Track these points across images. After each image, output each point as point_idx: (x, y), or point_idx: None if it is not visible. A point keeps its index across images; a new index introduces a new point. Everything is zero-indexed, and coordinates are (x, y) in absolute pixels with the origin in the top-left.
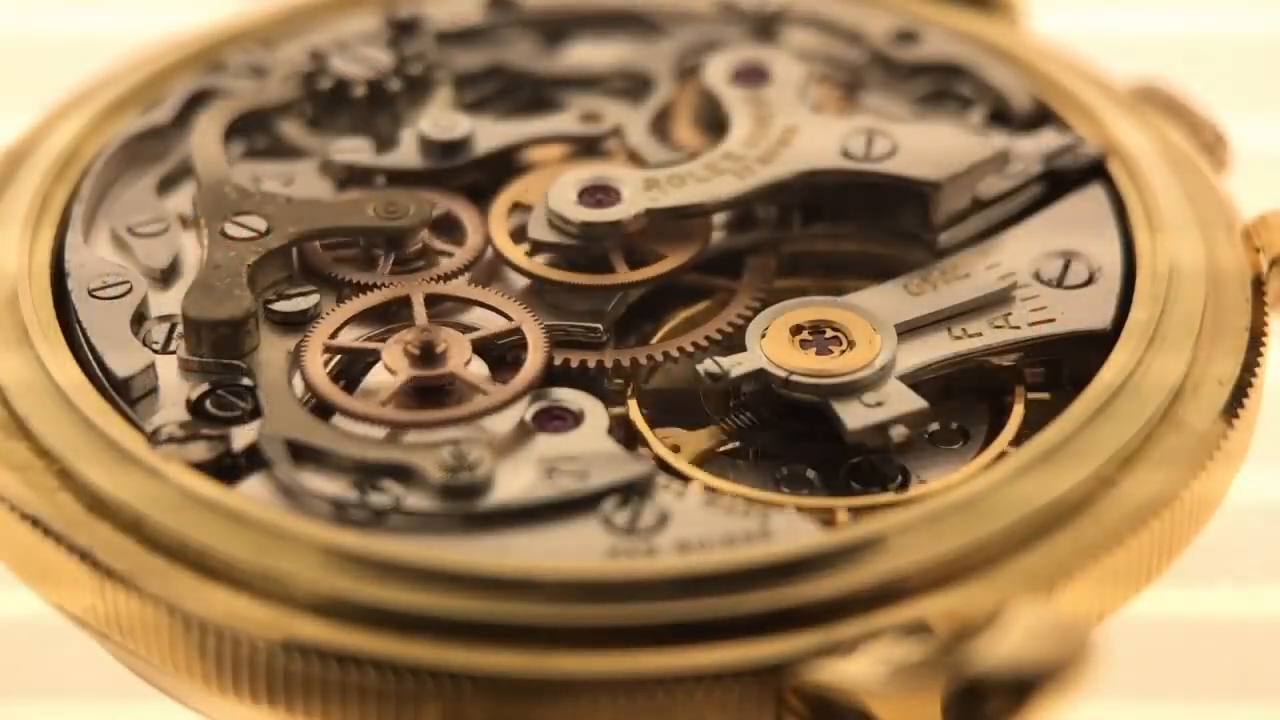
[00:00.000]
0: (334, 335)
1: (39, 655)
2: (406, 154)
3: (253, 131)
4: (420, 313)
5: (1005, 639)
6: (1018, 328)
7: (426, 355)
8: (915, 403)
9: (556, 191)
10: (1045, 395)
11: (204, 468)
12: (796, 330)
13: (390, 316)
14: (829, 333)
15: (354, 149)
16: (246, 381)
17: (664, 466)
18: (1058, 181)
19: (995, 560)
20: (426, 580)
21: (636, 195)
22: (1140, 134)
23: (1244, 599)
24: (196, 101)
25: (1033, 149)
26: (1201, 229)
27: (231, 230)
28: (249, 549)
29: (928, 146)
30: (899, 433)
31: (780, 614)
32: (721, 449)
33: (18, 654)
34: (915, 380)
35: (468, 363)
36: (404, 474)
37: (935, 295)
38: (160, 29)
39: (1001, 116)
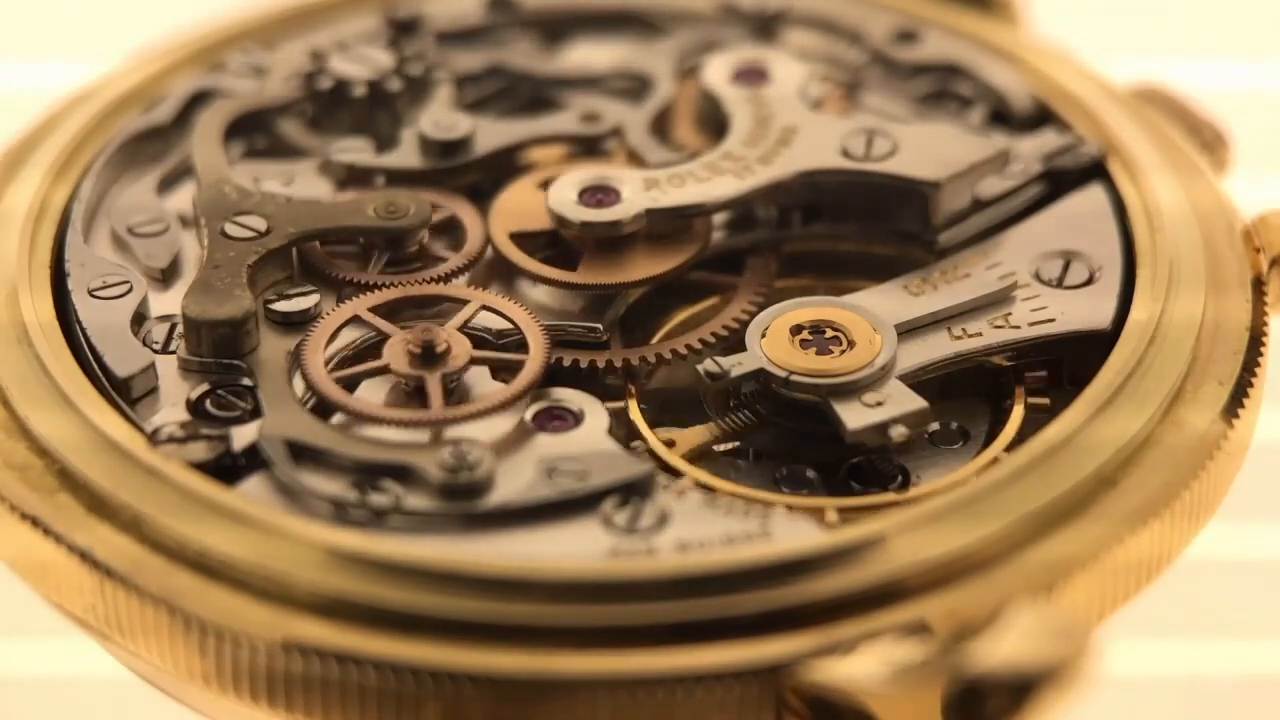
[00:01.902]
0: (334, 336)
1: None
2: (406, 154)
3: (253, 131)
4: (462, 317)
5: (1005, 639)
6: (1018, 328)
7: (427, 354)
8: (915, 403)
9: (556, 191)
10: (1045, 398)
11: (204, 468)
12: (796, 330)
13: (389, 317)
14: (829, 333)
15: (354, 149)
16: (246, 381)
17: (663, 466)
18: (1058, 181)
19: (995, 560)
20: (426, 580)
21: (636, 195)
22: (1140, 134)
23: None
24: (196, 101)
25: (1033, 149)
26: (1201, 229)
27: (231, 230)
28: (249, 549)
29: (928, 146)
30: (899, 433)
31: (780, 614)
32: (721, 449)
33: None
34: (915, 380)
35: (470, 361)
36: (404, 474)
37: (935, 295)
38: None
39: (1001, 116)
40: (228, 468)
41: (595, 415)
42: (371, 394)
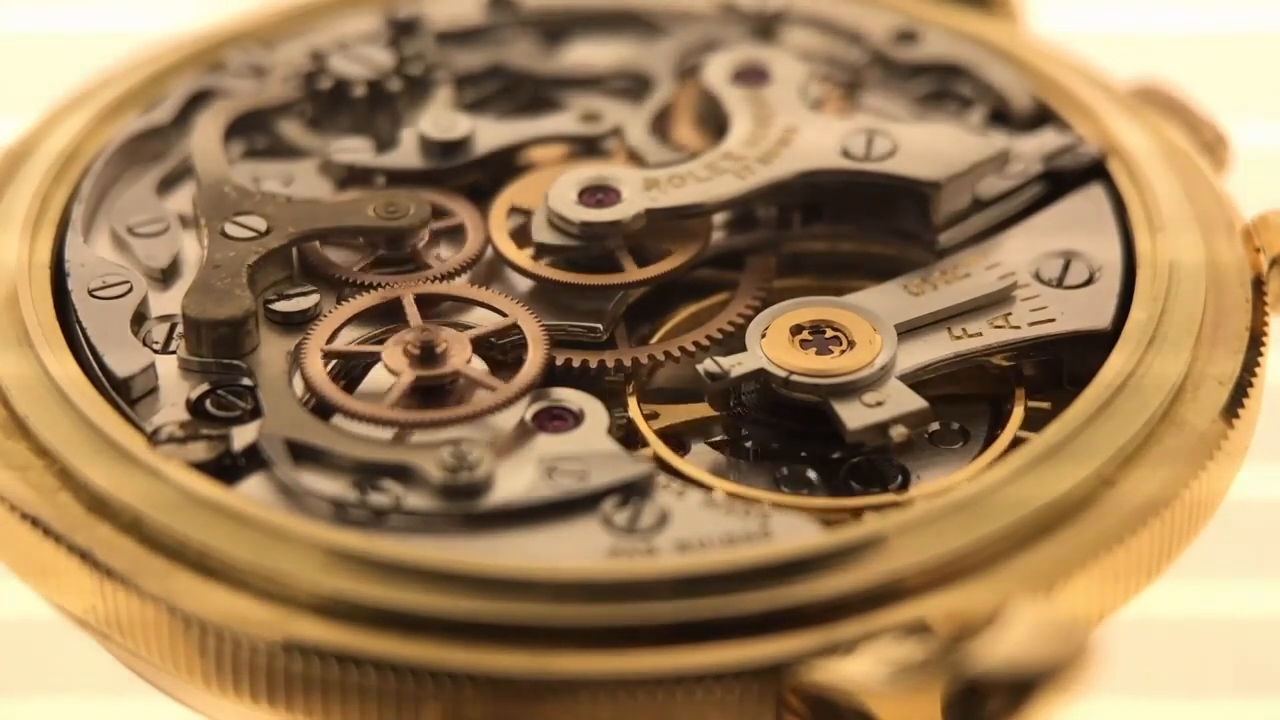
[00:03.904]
0: (334, 336)
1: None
2: (406, 154)
3: (253, 131)
4: (412, 314)
5: (1005, 639)
6: (1018, 328)
7: (427, 355)
8: (915, 403)
9: (556, 191)
10: (1045, 398)
11: (204, 468)
12: (796, 330)
13: (389, 316)
14: (829, 333)
15: (354, 149)
16: (246, 381)
17: (664, 466)
18: (1058, 181)
19: (995, 560)
20: (426, 580)
21: (636, 195)
22: (1140, 134)
23: (1243, 597)
24: (196, 101)
25: (1033, 149)
26: (1201, 229)
27: (231, 230)
28: (249, 549)
29: (928, 146)
30: (899, 432)
31: (780, 614)
32: (721, 448)
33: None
34: (915, 380)
35: (468, 361)
36: (404, 474)
37: (935, 295)
38: (161, 28)
39: (1001, 116)
40: (228, 468)
41: (595, 415)
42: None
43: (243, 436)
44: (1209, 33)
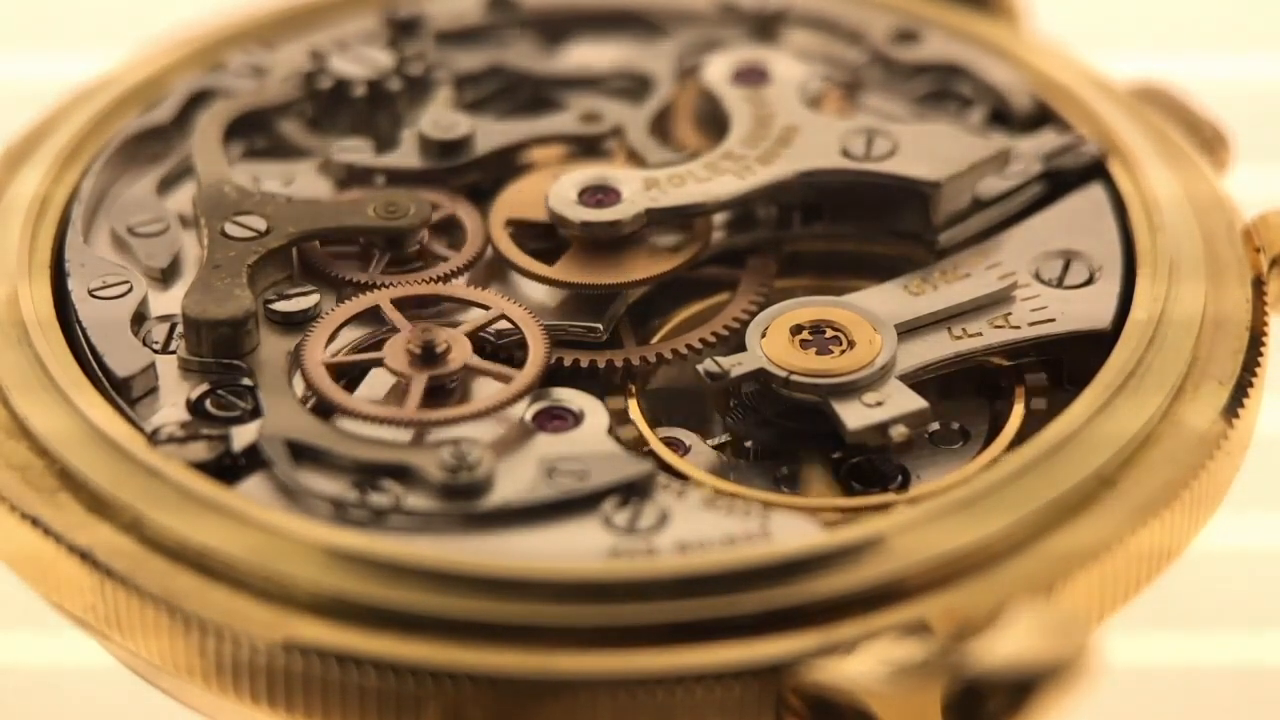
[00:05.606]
0: (334, 335)
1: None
2: (406, 154)
3: (253, 131)
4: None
5: (1005, 639)
6: (1018, 328)
7: (428, 355)
8: (915, 402)
9: (557, 191)
10: (1044, 398)
11: (204, 468)
12: (796, 330)
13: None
14: (829, 333)
15: (354, 149)
16: (246, 381)
17: (664, 466)
18: (1058, 181)
19: (995, 560)
20: (426, 580)
21: (636, 195)
22: (1140, 134)
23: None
24: (196, 101)
25: (1033, 149)
26: (1201, 229)
27: (231, 230)
28: (249, 549)
29: (928, 146)
30: (899, 432)
31: (780, 614)
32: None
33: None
34: (915, 380)
35: (463, 367)
36: (404, 474)
37: (935, 295)
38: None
39: (1001, 116)
40: (228, 468)
41: (595, 415)
42: (372, 393)
43: (243, 436)
44: (1208, 29)
